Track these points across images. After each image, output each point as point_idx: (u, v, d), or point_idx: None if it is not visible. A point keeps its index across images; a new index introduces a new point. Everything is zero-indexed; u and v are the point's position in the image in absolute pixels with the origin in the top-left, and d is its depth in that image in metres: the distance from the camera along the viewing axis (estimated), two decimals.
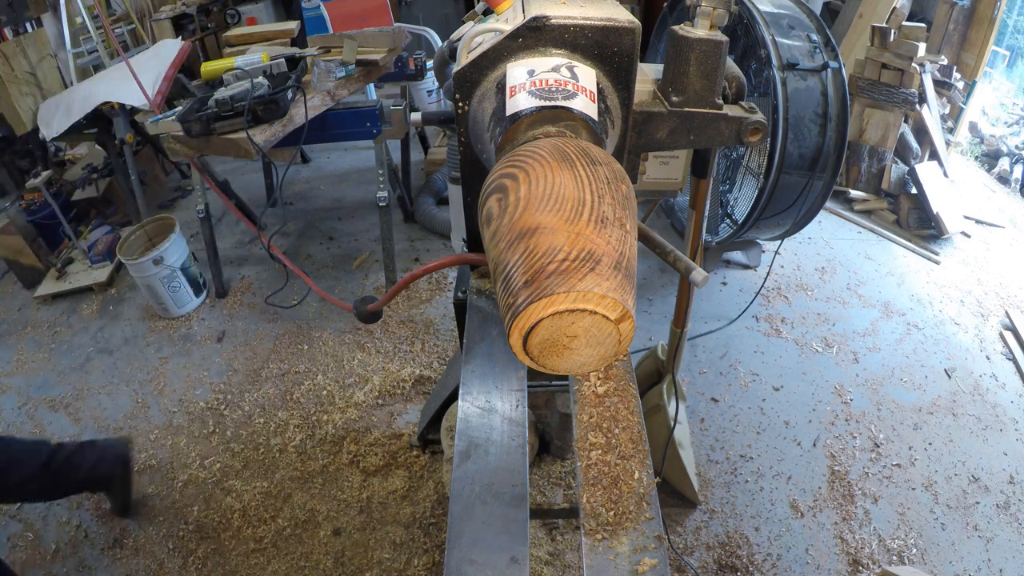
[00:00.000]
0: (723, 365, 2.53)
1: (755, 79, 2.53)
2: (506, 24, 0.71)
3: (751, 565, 1.81)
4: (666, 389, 1.82)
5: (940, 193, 3.44)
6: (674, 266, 0.92)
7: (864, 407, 2.35)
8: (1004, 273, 3.16)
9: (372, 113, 2.59)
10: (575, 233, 0.45)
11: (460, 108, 0.73)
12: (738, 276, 3.07)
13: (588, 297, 0.43)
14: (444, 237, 3.31)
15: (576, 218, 0.46)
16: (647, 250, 0.94)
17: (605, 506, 0.76)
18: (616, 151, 0.77)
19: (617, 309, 0.44)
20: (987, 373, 2.54)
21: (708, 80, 0.77)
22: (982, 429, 2.29)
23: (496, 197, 0.49)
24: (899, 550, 1.87)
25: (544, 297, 0.43)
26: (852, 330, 2.73)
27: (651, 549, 0.71)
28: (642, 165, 0.86)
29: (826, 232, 3.43)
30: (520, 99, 0.64)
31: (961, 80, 4.18)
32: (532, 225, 0.46)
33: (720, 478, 2.07)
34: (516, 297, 0.44)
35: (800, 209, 2.45)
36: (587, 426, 0.86)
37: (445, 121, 1.38)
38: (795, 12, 2.46)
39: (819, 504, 1.99)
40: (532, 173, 0.48)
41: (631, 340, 0.48)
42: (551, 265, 0.44)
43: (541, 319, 0.44)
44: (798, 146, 2.31)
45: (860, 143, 3.63)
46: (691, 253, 1.52)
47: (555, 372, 0.50)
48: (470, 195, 0.85)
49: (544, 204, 0.46)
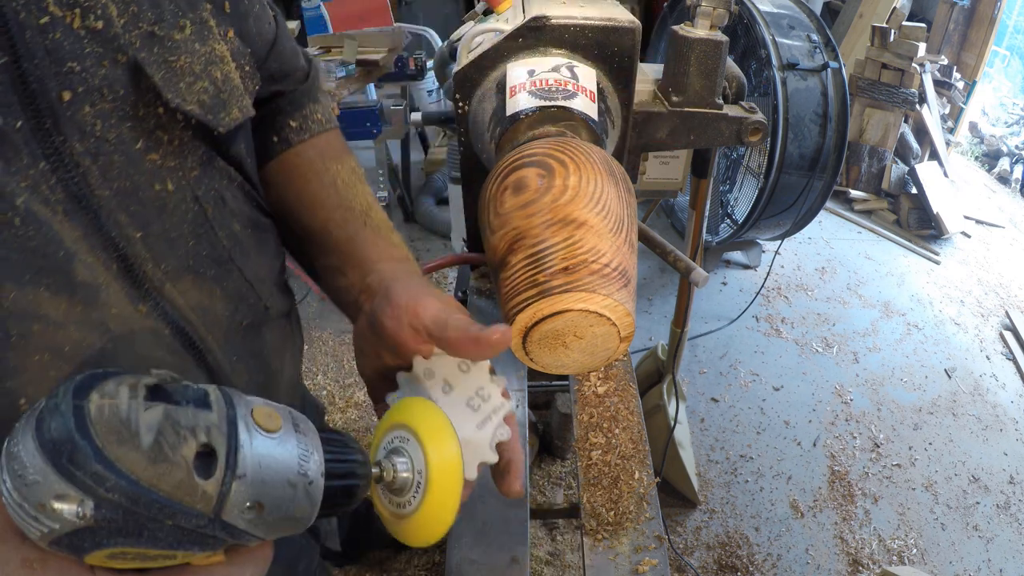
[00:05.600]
0: (723, 365, 2.53)
1: (755, 79, 2.53)
2: (506, 24, 0.71)
3: (751, 565, 1.81)
4: (666, 389, 1.82)
5: (940, 193, 3.45)
6: (674, 266, 0.93)
7: (864, 407, 2.35)
8: (1004, 273, 3.17)
9: (372, 113, 2.59)
10: (616, 246, 0.46)
11: (460, 108, 0.73)
12: (738, 276, 3.07)
13: (616, 309, 0.44)
14: (444, 237, 3.31)
15: (618, 232, 0.47)
16: (647, 250, 0.94)
17: (605, 506, 0.76)
18: (616, 151, 0.77)
19: (629, 329, 0.46)
20: (987, 373, 2.54)
21: (708, 80, 0.77)
22: (982, 429, 2.29)
23: (537, 172, 0.49)
24: (899, 550, 1.87)
25: (583, 291, 0.43)
26: (852, 330, 2.73)
27: (651, 549, 0.71)
28: (642, 165, 0.86)
29: (826, 232, 3.43)
30: (520, 99, 0.64)
31: (961, 80, 4.18)
32: (580, 219, 0.46)
33: (720, 478, 2.07)
34: (551, 279, 0.44)
35: (800, 209, 2.45)
36: (587, 426, 0.86)
37: (445, 121, 1.38)
38: (795, 12, 2.46)
39: (819, 504, 1.99)
40: (584, 171, 0.48)
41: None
42: (595, 264, 0.44)
43: (569, 310, 0.44)
44: (798, 146, 2.31)
45: (860, 143, 3.63)
46: (691, 253, 1.51)
47: (536, 363, 0.50)
48: (470, 195, 0.85)
49: (593, 205, 0.47)
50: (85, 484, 0.25)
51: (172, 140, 0.47)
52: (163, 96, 0.44)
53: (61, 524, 0.25)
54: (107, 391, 0.26)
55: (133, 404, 0.26)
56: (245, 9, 0.57)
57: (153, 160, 0.46)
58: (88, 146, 0.41)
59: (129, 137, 0.44)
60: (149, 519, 0.26)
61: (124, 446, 0.25)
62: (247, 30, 0.57)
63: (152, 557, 0.28)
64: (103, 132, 0.42)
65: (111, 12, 0.42)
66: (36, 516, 0.25)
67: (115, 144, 0.43)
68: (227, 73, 0.51)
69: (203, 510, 0.27)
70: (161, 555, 0.28)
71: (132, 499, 0.25)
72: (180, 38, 0.46)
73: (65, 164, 0.40)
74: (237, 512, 0.29)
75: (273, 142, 0.65)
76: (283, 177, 0.64)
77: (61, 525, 0.25)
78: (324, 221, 0.61)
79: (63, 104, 0.39)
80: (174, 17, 0.46)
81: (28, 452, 0.24)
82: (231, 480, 0.28)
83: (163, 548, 0.27)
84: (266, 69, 0.61)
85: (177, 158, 0.48)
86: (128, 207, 0.44)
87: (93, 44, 0.41)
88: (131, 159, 0.44)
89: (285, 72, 0.65)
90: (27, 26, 0.37)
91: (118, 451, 0.25)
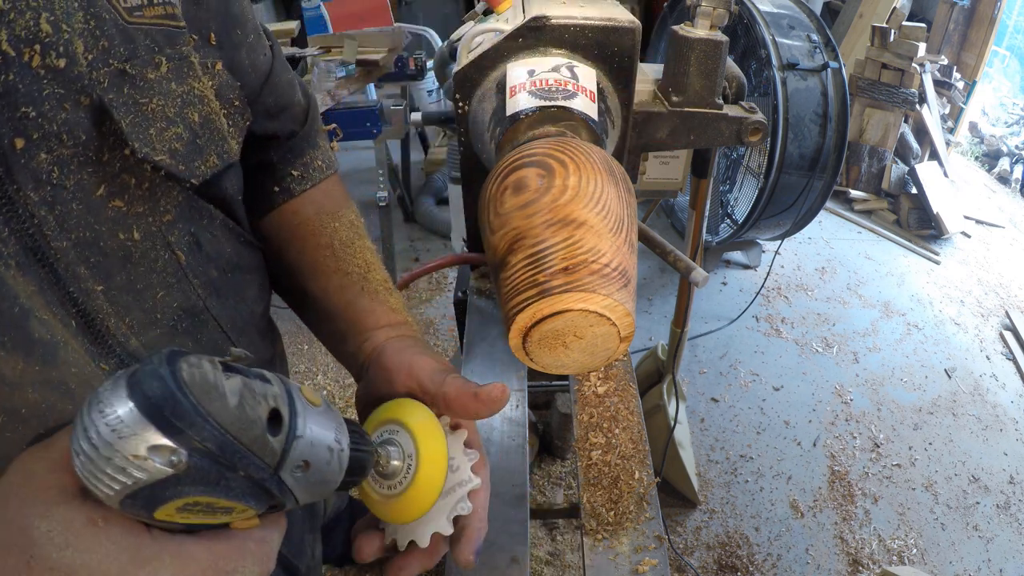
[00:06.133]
0: (723, 365, 2.53)
1: (755, 79, 2.53)
2: (506, 24, 0.71)
3: (751, 565, 1.81)
4: (666, 389, 1.82)
5: (940, 193, 3.45)
6: (674, 266, 0.93)
7: (864, 407, 2.35)
8: (1004, 273, 3.17)
9: (372, 113, 2.58)
10: (616, 246, 0.46)
11: (460, 108, 0.73)
12: (738, 276, 3.07)
13: (616, 309, 0.44)
14: (444, 237, 3.31)
15: (618, 232, 0.47)
16: (647, 250, 0.94)
17: (605, 506, 0.76)
18: (616, 151, 0.77)
19: (629, 329, 0.46)
20: (987, 373, 2.54)
21: (708, 80, 0.77)
22: (982, 429, 2.29)
23: (537, 171, 0.48)
24: (899, 550, 1.87)
25: (583, 291, 0.43)
26: (852, 330, 2.73)
27: (651, 549, 0.71)
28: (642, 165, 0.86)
29: (826, 232, 3.43)
30: (520, 99, 0.64)
31: (961, 80, 4.18)
32: (580, 218, 0.46)
33: (720, 478, 2.07)
34: (551, 279, 0.44)
35: (800, 209, 2.45)
36: (587, 426, 0.86)
37: (445, 121, 1.38)
38: (795, 12, 2.46)
39: (819, 504, 1.99)
40: (584, 171, 0.48)
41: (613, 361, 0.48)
42: (595, 264, 0.44)
43: (569, 310, 0.44)
44: (798, 146, 2.31)
45: (860, 143, 3.63)
46: (691, 253, 1.51)
47: (536, 363, 0.50)
48: (470, 195, 0.85)
49: (594, 205, 0.47)
50: (182, 435, 0.28)
51: (141, 183, 0.43)
52: (129, 143, 0.41)
53: (149, 474, 0.28)
54: (193, 363, 0.30)
55: (217, 373, 0.30)
56: (237, 40, 0.53)
57: (117, 207, 0.42)
58: (44, 195, 0.38)
59: (90, 183, 0.40)
60: (228, 468, 0.30)
61: (215, 403, 0.29)
62: (238, 62, 0.54)
63: (215, 510, 0.31)
64: (60, 179, 0.38)
65: (76, 48, 0.38)
66: (124, 468, 0.28)
67: (73, 191, 0.39)
68: (207, 115, 0.47)
69: (269, 463, 0.32)
70: (223, 507, 0.31)
71: (220, 447, 0.29)
72: (154, 77, 0.42)
73: (19, 215, 0.37)
74: (290, 470, 0.33)
75: (274, 192, 0.63)
76: (283, 237, 0.63)
77: (149, 475, 0.28)
78: (323, 288, 0.60)
79: (16, 152, 0.36)
80: (148, 53, 0.42)
81: (124, 410, 0.28)
82: (292, 439, 0.33)
83: (230, 499, 0.31)
84: (261, 103, 0.59)
85: (146, 203, 0.44)
86: (88, 259, 0.41)
87: (53, 85, 0.37)
88: (91, 207, 0.40)
89: (282, 106, 0.62)
90: None
91: (211, 407, 0.29)
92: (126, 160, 0.42)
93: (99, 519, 0.29)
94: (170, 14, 0.44)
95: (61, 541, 0.29)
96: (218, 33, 0.50)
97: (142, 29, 0.42)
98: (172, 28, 0.44)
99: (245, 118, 0.53)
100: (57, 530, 0.29)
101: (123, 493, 0.28)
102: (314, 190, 0.65)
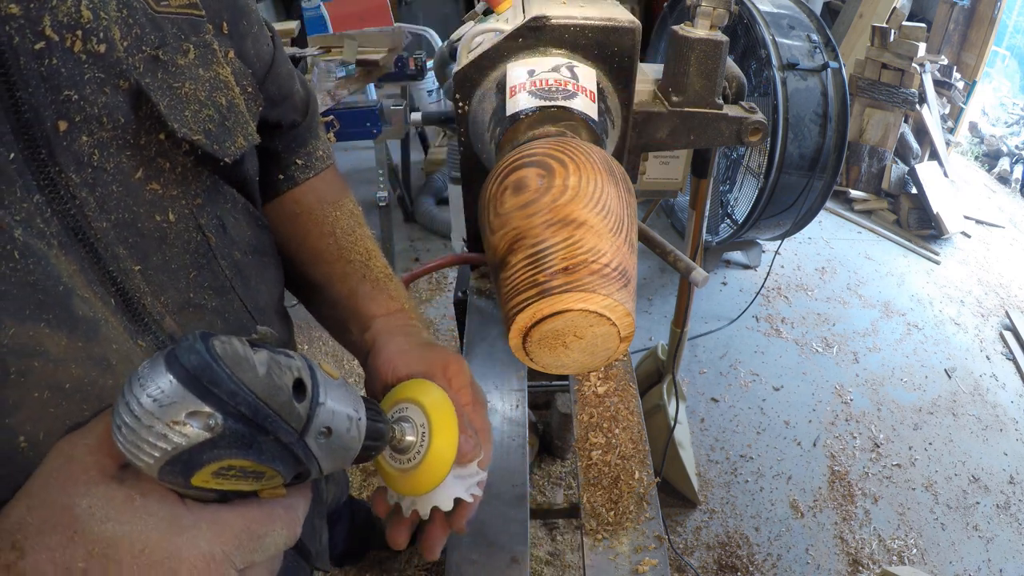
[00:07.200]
0: (723, 365, 2.53)
1: (755, 79, 2.53)
2: (506, 24, 0.71)
3: (751, 565, 1.81)
4: (666, 389, 1.82)
5: (940, 193, 3.45)
6: (674, 266, 0.93)
7: (864, 407, 2.35)
8: (1004, 273, 3.17)
9: (372, 113, 2.58)
10: (616, 246, 0.46)
11: (460, 108, 0.73)
12: (738, 276, 3.07)
13: (616, 309, 0.44)
14: (444, 237, 3.31)
15: (618, 232, 0.47)
16: (647, 250, 0.94)
17: (605, 506, 0.76)
18: (616, 151, 0.77)
19: (629, 329, 0.46)
20: (987, 373, 2.54)
21: (708, 80, 0.77)
22: (982, 429, 2.29)
23: (537, 172, 0.49)
24: (899, 550, 1.87)
25: (583, 291, 0.43)
26: (852, 330, 2.73)
27: (651, 549, 0.71)
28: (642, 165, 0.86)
29: (826, 232, 3.43)
30: (520, 99, 0.64)
31: (961, 80, 4.18)
32: (580, 218, 0.46)
33: (720, 478, 2.07)
34: (551, 279, 0.44)
35: (800, 209, 2.45)
36: (587, 426, 0.86)
37: (445, 121, 1.38)
38: (795, 12, 2.45)
39: (819, 504, 1.99)
40: (584, 171, 0.48)
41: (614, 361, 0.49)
42: (595, 264, 0.44)
43: (569, 310, 0.44)
44: (798, 146, 2.31)
45: (860, 143, 3.63)
46: (691, 253, 1.51)
47: (536, 363, 0.50)
48: (470, 195, 0.85)
49: (594, 205, 0.47)
50: (219, 400, 0.31)
51: (175, 168, 0.45)
52: (168, 125, 0.42)
53: (188, 439, 0.30)
54: (224, 340, 0.33)
55: (246, 348, 0.33)
56: (244, 30, 0.55)
57: (154, 190, 0.44)
58: (85, 177, 0.39)
59: (128, 166, 0.42)
60: (260, 431, 0.32)
61: (247, 373, 0.32)
62: (246, 51, 0.56)
63: (246, 474, 0.33)
64: (101, 162, 0.40)
65: (114, 35, 0.39)
66: (165, 434, 0.30)
67: (113, 174, 0.41)
68: (231, 99, 0.49)
69: (295, 427, 0.34)
70: (255, 472, 0.34)
71: (252, 411, 0.32)
72: (183, 63, 0.44)
73: (61, 196, 0.38)
74: (314, 435, 0.36)
75: (278, 180, 0.65)
76: (286, 225, 0.64)
77: (188, 440, 0.30)
78: (326, 275, 0.62)
79: (59, 134, 0.37)
80: (177, 41, 0.44)
81: (164, 381, 0.30)
82: (316, 406, 0.36)
83: (261, 462, 0.33)
84: (265, 92, 0.60)
85: (179, 186, 0.46)
86: (127, 239, 0.42)
87: (94, 69, 0.39)
88: (129, 189, 0.42)
89: (284, 95, 0.64)
90: (21, 52, 0.36)
91: (243, 375, 0.32)
92: (161, 144, 0.44)
93: (137, 495, 0.31)
94: (192, 3, 0.46)
95: (102, 515, 0.30)
96: (229, 23, 0.52)
97: (169, 18, 0.44)
98: (195, 17, 0.46)
99: (258, 104, 0.55)
100: (98, 505, 0.31)
101: (163, 460, 0.30)
102: (316, 179, 0.67)
